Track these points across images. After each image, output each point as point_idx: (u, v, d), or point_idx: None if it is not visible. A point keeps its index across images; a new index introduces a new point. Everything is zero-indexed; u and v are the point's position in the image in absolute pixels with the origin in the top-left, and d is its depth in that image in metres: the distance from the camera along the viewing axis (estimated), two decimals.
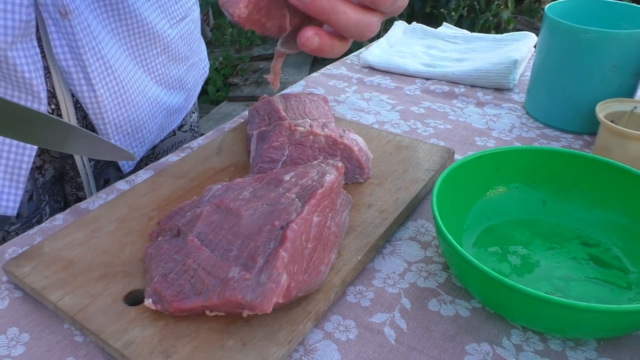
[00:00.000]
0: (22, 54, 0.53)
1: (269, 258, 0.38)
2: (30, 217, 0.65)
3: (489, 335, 0.42)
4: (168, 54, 0.67)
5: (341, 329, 0.43)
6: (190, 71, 0.73)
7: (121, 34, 0.61)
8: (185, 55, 0.71)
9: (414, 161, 0.60)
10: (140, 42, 0.63)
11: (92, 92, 0.59)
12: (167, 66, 0.68)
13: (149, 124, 0.68)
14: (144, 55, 0.65)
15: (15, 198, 0.60)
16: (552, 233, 0.52)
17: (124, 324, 0.40)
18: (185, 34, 0.70)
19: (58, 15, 0.53)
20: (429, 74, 0.85)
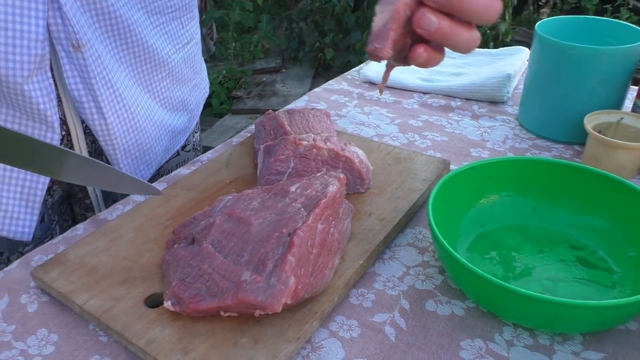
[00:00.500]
0: (37, 86, 0.55)
1: (277, 262, 0.42)
2: (43, 237, 0.68)
3: (482, 332, 0.45)
4: (172, 77, 0.70)
5: (345, 328, 0.46)
6: (192, 92, 0.76)
7: (129, 62, 0.63)
8: (189, 78, 0.74)
9: (412, 172, 0.63)
10: (147, 68, 0.66)
11: (102, 119, 0.61)
12: (171, 89, 0.71)
13: (155, 147, 0.70)
14: (150, 80, 0.67)
15: (31, 224, 0.63)
16: (542, 238, 0.55)
17: (145, 325, 0.44)
18: (189, 57, 0.72)
19: (71, 48, 0.56)
20: (426, 88, 0.89)
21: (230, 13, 3.20)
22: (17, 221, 0.62)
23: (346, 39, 2.70)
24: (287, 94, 3.03)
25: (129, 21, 0.60)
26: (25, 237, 0.63)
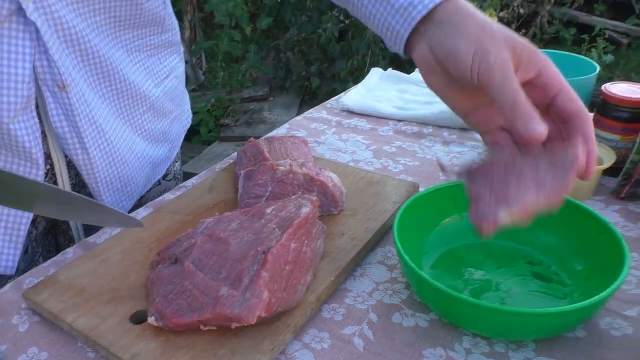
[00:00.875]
0: (22, 125, 0.58)
1: (253, 278, 0.46)
2: (26, 269, 0.68)
3: (444, 342, 0.49)
4: (153, 110, 0.73)
5: (317, 340, 0.50)
6: (173, 124, 0.79)
7: (111, 98, 0.66)
8: (169, 110, 0.77)
9: (383, 195, 0.68)
10: (128, 103, 0.69)
11: (85, 154, 0.63)
12: (152, 122, 0.73)
13: (136, 178, 0.73)
14: (131, 114, 0.70)
15: (14, 258, 0.65)
16: (502, 254, 0.60)
17: (130, 340, 0.47)
18: (170, 90, 0.75)
19: (56, 88, 0.58)
20: (401, 116, 0.94)
21: (219, 43, 3.28)
22: (0, 255, 0.64)
23: (331, 68, 2.78)
24: (274, 121, 3.09)
25: (110, 59, 0.63)
26: (8, 270, 0.65)
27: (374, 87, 1.07)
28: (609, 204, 0.69)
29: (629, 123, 0.70)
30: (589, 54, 3.97)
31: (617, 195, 0.70)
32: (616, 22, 4.19)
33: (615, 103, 0.71)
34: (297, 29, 2.89)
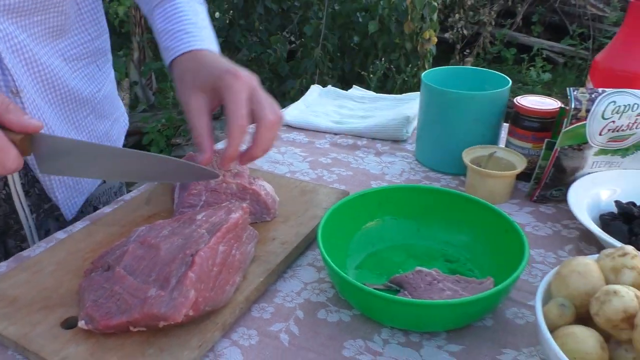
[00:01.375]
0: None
1: (180, 278, 0.48)
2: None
3: (364, 334, 0.53)
4: (95, 113, 0.79)
5: (245, 337, 0.52)
6: (114, 125, 0.85)
7: (56, 102, 0.71)
8: (109, 112, 0.83)
9: (315, 202, 0.71)
10: (72, 107, 0.74)
11: None
12: (95, 124, 0.79)
13: None
14: (76, 117, 0.75)
15: None
16: (423, 254, 0.64)
17: (60, 344, 0.49)
18: (108, 94, 0.82)
19: (10, 94, 0.63)
20: (337, 129, 0.99)
21: None
22: None
23: (282, 87, 2.83)
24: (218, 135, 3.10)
25: (51, 67, 0.68)
26: None
27: (314, 103, 1.12)
28: (523, 207, 0.75)
29: (538, 132, 0.77)
30: (528, 72, 4.20)
31: (530, 199, 0.77)
32: (552, 43, 4.44)
33: (526, 114, 0.78)
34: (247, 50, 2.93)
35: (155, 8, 0.73)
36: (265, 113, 0.59)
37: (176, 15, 0.70)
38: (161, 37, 0.70)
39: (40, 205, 0.77)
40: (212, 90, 0.61)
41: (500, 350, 0.51)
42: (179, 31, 0.68)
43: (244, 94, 0.59)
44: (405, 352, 0.50)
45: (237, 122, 0.58)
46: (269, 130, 0.60)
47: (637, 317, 0.42)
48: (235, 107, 0.58)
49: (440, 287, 0.55)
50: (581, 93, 0.67)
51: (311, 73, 2.49)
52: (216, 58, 0.65)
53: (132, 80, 3.48)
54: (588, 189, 0.70)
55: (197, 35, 0.68)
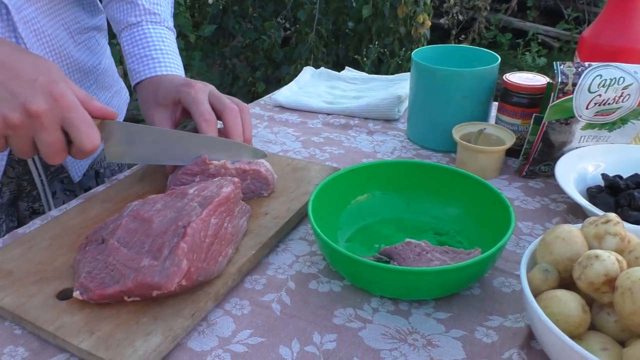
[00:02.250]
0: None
1: (172, 249, 0.49)
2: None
3: (354, 303, 0.54)
4: (97, 84, 0.83)
5: (237, 307, 0.53)
6: (115, 97, 0.89)
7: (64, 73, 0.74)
8: (110, 85, 0.87)
9: (306, 179, 0.72)
10: (77, 77, 0.79)
11: None
12: (97, 94, 0.83)
13: None
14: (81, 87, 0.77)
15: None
16: (413, 227, 0.65)
17: (56, 314, 0.50)
18: (108, 67, 0.86)
19: None
20: (329, 109, 0.99)
21: None
22: None
23: (276, 73, 2.83)
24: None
25: (57, 39, 0.73)
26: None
27: (306, 84, 1.12)
28: (512, 182, 0.76)
29: (527, 108, 0.78)
30: (523, 57, 4.19)
31: (519, 174, 0.78)
32: (548, 27, 4.43)
33: (515, 90, 0.78)
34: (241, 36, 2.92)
35: (123, 30, 0.78)
36: (225, 103, 0.67)
37: (143, 40, 0.76)
38: (128, 59, 0.76)
39: (48, 167, 0.80)
40: (173, 104, 0.69)
41: (486, 317, 0.52)
42: (144, 56, 0.74)
43: (201, 95, 0.66)
44: (394, 320, 0.52)
45: (202, 117, 0.65)
46: (234, 117, 0.66)
47: (618, 280, 0.43)
48: (197, 106, 0.65)
49: (429, 257, 0.56)
50: (567, 67, 0.68)
51: (306, 58, 2.49)
52: (174, 76, 0.72)
53: None
54: (575, 163, 0.71)
55: (162, 61, 0.74)
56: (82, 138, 0.55)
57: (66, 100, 0.54)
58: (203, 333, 0.50)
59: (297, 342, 0.49)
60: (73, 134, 0.55)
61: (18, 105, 0.52)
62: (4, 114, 0.52)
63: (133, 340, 0.46)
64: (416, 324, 0.51)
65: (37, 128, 0.53)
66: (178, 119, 0.71)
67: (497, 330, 0.50)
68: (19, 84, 0.52)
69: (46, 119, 0.53)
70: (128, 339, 0.46)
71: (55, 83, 0.54)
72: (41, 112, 0.52)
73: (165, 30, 0.78)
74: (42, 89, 0.53)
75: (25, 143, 0.54)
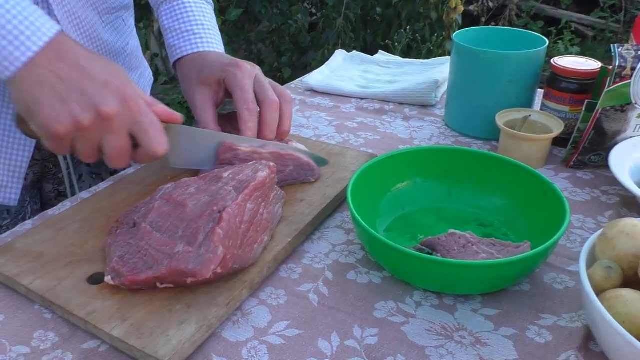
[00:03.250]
0: None
1: (208, 235, 0.47)
2: (17, 213, 0.77)
3: (395, 296, 0.51)
4: (126, 66, 0.80)
5: (273, 297, 0.51)
6: (140, 79, 0.87)
7: None
8: (136, 66, 0.85)
9: (342, 165, 0.69)
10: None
11: None
12: None
13: None
14: None
15: (17, 191, 0.71)
16: (454, 218, 0.62)
17: (87, 299, 0.48)
18: (134, 48, 0.84)
19: None
20: (363, 94, 0.96)
21: None
22: (5, 189, 0.71)
23: (303, 58, 2.78)
24: None
25: (87, 20, 0.70)
26: (12, 202, 0.72)
27: (338, 68, 1.09)
28: (559, 172, 0.72)
29: (576, 94, 0.73)
30: (556, 46, 4.07)
31: (566, 164, 0.73)
32: (581, 15, 4.29)
33: (564, 75, 0.74)
34: (267, 21, 2.88)
35: (162, 4, 0.75)
36: (268, 95, 0.64)
37: (184, 14, 0.72)
38: (167, 34, 0.73)
39: None
40: (217, 84, 0.66)
41: (538, 315, 0.49)
42: (186, 31, 0.71)
43: (247, 80, 0.63)
44: (439, 315, 0.49)
45: (245, 105, 0.63)
46: (272, 112, 0.64)
47: None
48: (241, 93, 0.63)
49: (475, 249, 0.53)
50: (626, 50, 0.63)
51: (333, 44, 2.44)
52: (219, 55, 0.69)
53: (153, 52, 3.46)
54: (630, 153, 0.66)
55: (204, 37, 0.71)
56: (152, 142, 0.53)
57: (137, 103, 0.52)
58: (238, 323, 0.48)
59: (336, 335, 0.47)
60: (143, 138, 0.53)
61: (90, 106, 0.49)
62: (76, 115, 0.49)
63: (166, 328, 0.44)
64: (463, 320, 0.48)
65: (106, 131, 0.51)
66: (221, 99, 0.67)
67: (550, 330, 0.47)
68: (92, 86, 0.50)
69: (117, 122, 0.50)
70: (161, 327, 0.44)
71: (126, 86, 0.52)
72: (113, 114, 0.50)
73: (205, 4, 0.75)
74: (114, 91, 0.50)
75: (91, 146, 0.52)
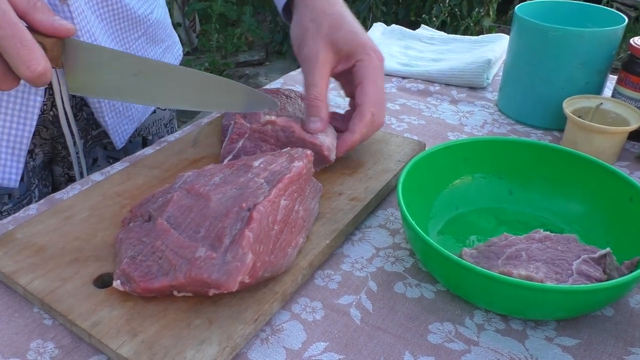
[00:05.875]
0: None
1: (235, 238, 0.39)
2: (21, 198, 0.68)
3: (452, 316, 0.43)
4: (147, 36, 0.71)
5: (308, 310, 0.43)
6: (166, 53, 0.77)
7: (108, 19, 0.64)
8: (161, 38, 0.75)
9: (386, 153, 0.61)
10: (124, 26, 0.67)
11: None
12: (146, 48, 0.71)
13: None
14: (126, 39, 0.68)
15: (17, 171, 0.63)
16: (516, 221, 0.53)
17: (92, 306, 0.41)
18: (160, 18, 0.73)
19: (58, 1, 0.56)
20: (405, 72, 0.87)
21: (213, 5, 3.15)
22: (4, 168, 0.62)
23: None
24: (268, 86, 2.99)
25: None
26: (12, 183, 0.63)
27: (376, 43, 0.99)
28: (634, 170, 0.63)
29: None
30: None
31: None
32: None
33: None
34: None
35: None
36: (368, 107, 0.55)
37: None
38: None
39: (89, 131, 0.71)
40: (346, 56, 0.56)
41: (627, 349, 0.40)
42: None
43: (380, 79, 0.57)
44: (507, 343, 0.41)
45: (370, 107, 0.55)
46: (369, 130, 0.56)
47: None
48: (375, 90, 0.55)
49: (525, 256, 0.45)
50: None
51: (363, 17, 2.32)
52: (355, 22, 0.59)
53: (176, 22, 3.38)
54: None
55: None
56: (16, 62, 0.41)
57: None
58: (267, 342, 0.41)
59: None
60: (6, 57, 0.41)
61: None
62: None
63: (184, 348, 0.37)
64: (536, 350, 0.40)
65: None
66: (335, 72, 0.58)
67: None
68: None
69: None
70: (177, 347, 0.37)
71: None
72: None
73: None
74: None
75: None
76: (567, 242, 0.45)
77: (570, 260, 0.43)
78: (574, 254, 0.44)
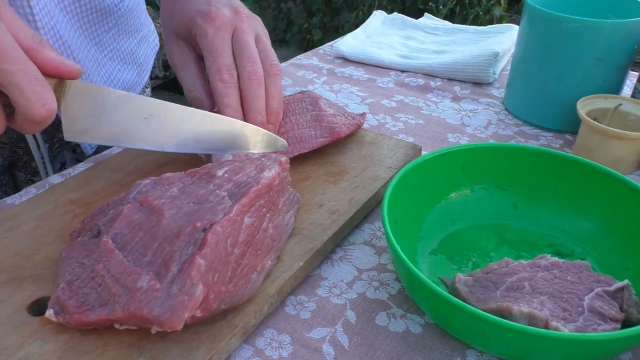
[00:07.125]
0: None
1: (183, 265, 0.33)
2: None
3: (441, 356, 0.37)
4: (118, 28, 0.65)
5: (274, 345, 0.37)
6: (140, 44, 0.71)
7: (73, 12, 0.58)
8: (135, 29, 0.69)
9: (376, 157, 0.55)
10: (92, 18, 0.61)
11: None
12: (118, 41, 0.66)
13: None
14: (96, 32, 0.62)
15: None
16: (521, 240, 0.47)
17: (22, 337, 0.35)
18: (133, 6, 0.67)
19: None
20: (404, 65, 0.80)
21: None
22: None
23: (335, 20, 2.59)
24: None
25: None
26: None
27: (375, 32, 0.92)
28: None
29: None
30: None
31: None
32: None
33: None
34: None
35: None
36: (244, 64, 0.48)
37: None
38: None
39: (55, 134, 0.65)
40: (193, 38, 0.50)
41: None
42: None
43: (220, 41, 0.48)
44: None
45: (218, 75, 0.47)
46: (253, 85, 0.48)
47: None
48: (214, 57, 0.48)
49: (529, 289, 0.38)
50: None
51: (369, 5, 2.24)
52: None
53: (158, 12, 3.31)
54: None
55: None
56: (30, 100, 0.36)
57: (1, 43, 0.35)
58: None
59: None
60: (15, 95, 0.36)
61: None
62: None
63: None
64: None
65: None
66: None
67: None
68: None
69: None
70: None
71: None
72: None
73: None
74: None
75: None
76: (578, 270, 0.39)
77: (581, 295, 0.37)
78: (585, 286, 0.38)
